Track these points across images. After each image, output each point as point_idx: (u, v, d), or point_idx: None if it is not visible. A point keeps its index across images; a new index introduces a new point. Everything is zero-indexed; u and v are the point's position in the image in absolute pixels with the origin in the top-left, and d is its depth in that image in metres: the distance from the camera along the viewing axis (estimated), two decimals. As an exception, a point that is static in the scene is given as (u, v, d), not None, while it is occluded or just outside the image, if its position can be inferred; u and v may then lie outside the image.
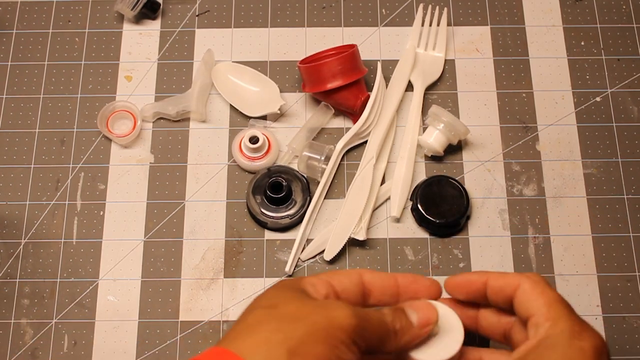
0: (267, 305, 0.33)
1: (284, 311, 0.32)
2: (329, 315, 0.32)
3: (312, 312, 0.32)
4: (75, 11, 0.61)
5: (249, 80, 0.57)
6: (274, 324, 0.31)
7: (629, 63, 0.59)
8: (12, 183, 0.55)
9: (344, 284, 0.37)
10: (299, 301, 0.33)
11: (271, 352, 0.30)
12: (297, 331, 0.31)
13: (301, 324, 0.31)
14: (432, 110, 0.54)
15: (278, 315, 0.32)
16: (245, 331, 0.32)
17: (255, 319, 0.32)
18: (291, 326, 0.31)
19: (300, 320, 0.31)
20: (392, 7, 0.61)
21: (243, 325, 0.32)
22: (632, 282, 0.52)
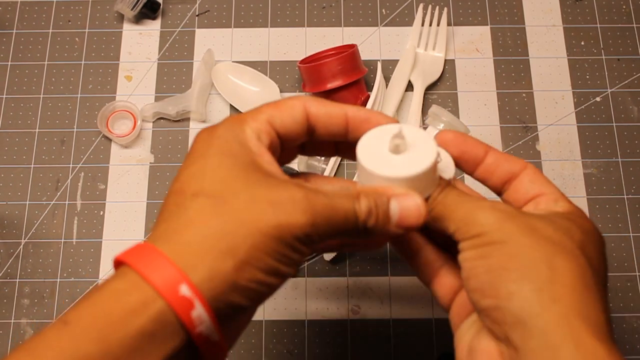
0: (211, 192, 0.29)
1: (230, 207, 0.28)
2: (282, 222, 0.28)
3: (263, 214, 0.28)
4: (75, 11, 0.61)
5: (249, 80, 0.57)
6: (218, 227, 0.27)
7: (629, 63, 0.59)
8: (12, 183, 0.55)
9: (286, 124, 0.32)
10: (249, 191, 0.29)
11: (215, 267, 0.27)
12: (245, 241, 0.27)
13: (249, 231, 0.27)
14: (432, 110, 0.54)
15: (223, 212, 0.28)
16: (186, 230, 0.27)
17: (199, 215, 0.28)
18: (238, 234, 0.27)
19: (249, 225, 0.28)
20: (392, 7, 0.61)
21: (183, 220, 0.28)
22: (632, 282, 0.52)
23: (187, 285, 0.26)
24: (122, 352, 0.25)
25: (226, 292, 0.27)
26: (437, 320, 0.51)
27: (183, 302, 0.26)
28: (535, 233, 0.29)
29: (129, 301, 0.26)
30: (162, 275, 0.26)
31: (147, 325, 0.25)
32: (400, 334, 0.51)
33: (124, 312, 0.25)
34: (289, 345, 0.50)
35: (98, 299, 0.26)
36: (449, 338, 0.51)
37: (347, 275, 0.52)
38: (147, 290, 0.26)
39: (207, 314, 0.26)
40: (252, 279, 0.27)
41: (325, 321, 0.51)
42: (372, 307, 0.51)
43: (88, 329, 0.25)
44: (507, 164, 0.34)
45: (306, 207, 0.29)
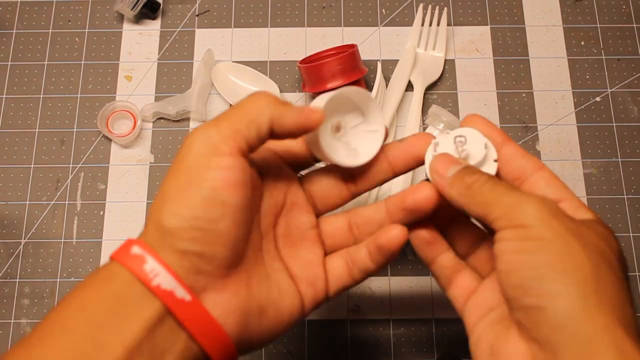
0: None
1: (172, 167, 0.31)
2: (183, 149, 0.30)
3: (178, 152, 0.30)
4: (75, 11, 0.61)
5: (249, 80, 0.57)
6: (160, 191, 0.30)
7: (629, 63, 0.59)
8: (12, 183, 0.55)
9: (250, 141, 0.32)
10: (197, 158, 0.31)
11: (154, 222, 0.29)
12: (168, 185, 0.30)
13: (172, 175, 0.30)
14: (432, 110, 0.54)
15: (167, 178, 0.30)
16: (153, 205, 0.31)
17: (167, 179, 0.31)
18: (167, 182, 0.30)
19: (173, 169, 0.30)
20: (392, 7, 0.61)
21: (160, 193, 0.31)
22: (632, 282, 0.52)
23: (138, 245, 0.28)
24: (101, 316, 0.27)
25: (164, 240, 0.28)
26: (437, 320, 0.51)
27: (135, 259, 0.28)
28: (582, 237, 0.29)
29: (100, 275, 0.29)
30: (122, 249, 0.29)
31: (118, 289, 0.28)
32: (400, 334, 0.51)
33: (97, 284, 0.28)
34: (289, 345, 0.50)
35: (79, 284, 0.29)
36: (449, 338, 0.51)
37: (347, 275, 0.52)
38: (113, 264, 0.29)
39: (160, 265, 0.28)
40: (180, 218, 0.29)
41: (325, 321, 0.51)
42: (372, 307, 0.51)
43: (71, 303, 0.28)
44: (522, 161, 0.33)
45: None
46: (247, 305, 0.30)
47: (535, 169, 0.33)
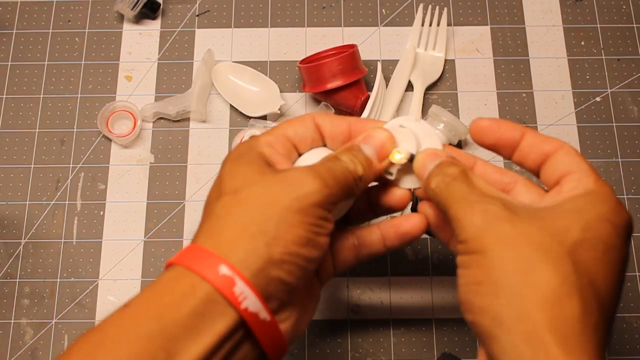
0: (230, 190, 0.32)
1: (249, 195, 0.31)
2: (299, 195, 0.31)
3: (281, 193, 0.31)
4: (75, 11, 0.61)
5: (249, 80, 0.57)
6: (243, 213, 0.30)
7: (629, 63, 0.59)
8: (12, 183, 0.55)
9: (299, 132, 0.36)
10: (262, 179, 0.32)
11: (250, 247, 0.29)
12: (271, 220, 0.30)
13: (273, 211, 0.30)
14: (432, 110, 0.54)
15: (245, 201, 0.31)
16: (217, 225, 0.31)
17: (223, 210, 0.31)
18: (263, 215, 0.30)
19: (271, 206, 0.30)
20: (392, 7, 0.61)
21: (213, 219, 0.31)
22: (632, 282, 0.52)
23: (226, 265, 0.29)
24: (177, 330, 0.27)
25: (264, 267, 0.29)
26: (437, 320, 0.51)
27: (224, 280, 0.28)
28: (518, 240, 0.28)
29: (179, 287, 0.29)
30: (203, 263, 0.29)
31: (198, 305, 0.28)
32: (400, 334, 0.51)
33: (176, 296, 0.28)
34: (289, 345, 0.50)
35: (153, 288, 0.29)
36: (449, 338, 0.51)
37: (347, 275, 0.52)
38: (193, 277, 0.29)
39: (249, 289, 0.29)
40: (285, 252, 0.30)
41: (325, 321, 0.51)
42: (372, 307, 0.51)
43: (147, 310, 0.28)
44: (542, 145, 0.33)
45: (314, 176, 0.31)
46: (300, 313, 0.33)
47: (555, 148, 0.33)
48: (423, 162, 0.35)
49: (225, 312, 0.29)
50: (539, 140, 0.33)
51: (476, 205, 0.30)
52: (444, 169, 0.33)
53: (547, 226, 0.29)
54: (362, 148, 0.35)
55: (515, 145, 0.34)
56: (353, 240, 0.38)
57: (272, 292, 0.30)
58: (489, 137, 0.34)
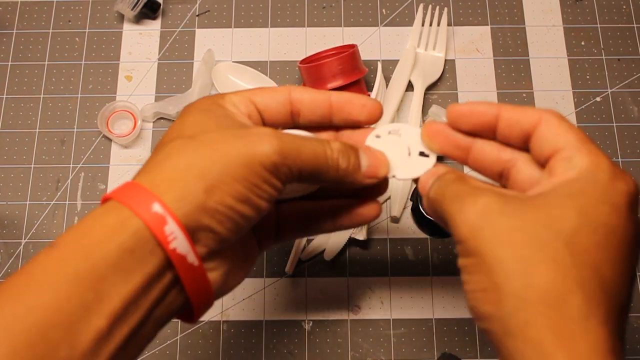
0: (187, 135, 0.31)
1: (202, 142, 0.30)
2: (249, 150, 0.30)
3: (232, 143, 0.30)
4: (76, 11, 0.61)
5: (249, 80, 0.57)
6: (190, 157, 0.29)
7: (629, 63, 0.59)
8: (12, 183, 0.55)
9: (266, 102, 0.34)
10: (220, 129, 0.31)
11: (187, 189, 0.29)
12: (214, 167, 0.29)
13: (219, 159, 0.29)
14: (433, 110, 0.54)
15: (196, 146, 0.30)
16: (161, 163, 0.30)
17: (173, 149, 0.30)
18: (208, 161, 0.29)
19: (219, 152, 0.30)
20: (392, 7, 0.61)
21: (160, 156, 0.30)
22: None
23: (159, 203, 0.28)
24: (106, 267, 0.27)
25: (197, 212, 0.29)
26: (437, 320, 0.51)
27: (155, 217, 0.28)
28: (514, 236, 0.27)
29: (108, 222, 0.28)
30: (137, 198, 0.28)
31: (126, 241, 0.27)
32: (400, 334, 0.51)
33: (104, 232, 0.27)
34: (289, 345, 0.50)
35: (81, 225, 0.28)
36: (449, 338, 0.51)
37: (347, 275, 0.52)
38: (124, 211, 0.28)
39: (179, 230, 0.28)
40: (221, 202, 0.29)
41: (325, 321, 0.51)
42: (372, 307, 0.51)
43: (74, 249, 0.27)
44: (520, 121, 0.31)
45: (273, 139, 0.30)
46: (230, 267, 0.32)
47: (535, 123, 0.31)
48: (425, 181, 0.34)
49: (153, 251, 0.28)
50: (515, 115, 0.31)
51: (468, 199, 0.29)
52: (441, 177, 0.33)
53: (541, 217, 0.28)
54: (360, 154, 0.34)
55: (494, 126, 0.32)
56: (302, 214, 0.37)
57: (200, 238, 0.29)
58: (465, 123, 0.33)
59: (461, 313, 0.51)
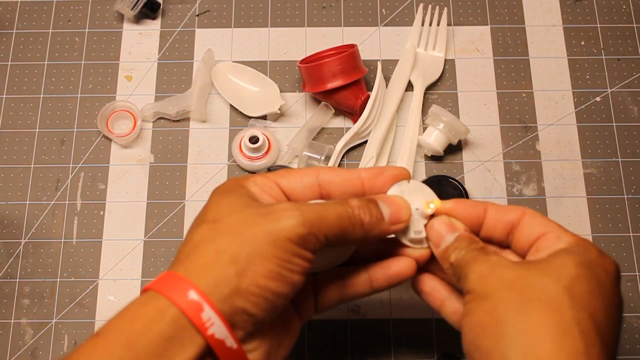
0: (211, 219, 0.32)
1: (227, 225, 0.31)
2: (273, 228, 0.30)
3: (256, 223, 0.31)
4: (75, 11, 0.61)
5: (249, 80, 0.57)
6: (218, 242, 0.30)
7: (629, 63, 0.59)
8: (12, 183, 0.55)
9: (293, 185, 0.34)
10: (243, 210, 0.32)
11: (220, 275, 0.30)
12: (243, 250, 0.30)
13: (246, 241, 0.30)
14: (432, 110, 0.54)
15: (223, 231, 0.31)
16: (192, 252, 0.31)
17: (201, 237, 0.31)
18: (237, 244, 0.30)
19: (246, 235, 0.30)
20: (392, 7, 0.61)
21: (190, 245, 0.31)
22: (632, 282, 0.52)
23: (195, 290, 0.29)
24: (147, 355, 0.28)
25: (232, 296, 0.29)
26: (437, 320, 0.51)
27: (192, 305, 0.29)
28: (519, 282, 0.30)
29: (148, 311, 0.29)
30: (173, 287, 0.29)
31: (165, 329, 0.28)
32: (400, 334, 0.51)
33: (145, 321, 0.29)
34: (289, 345, 0.50)
35: (123, 315, 0.30)
36: (449, 338, 0.51)
37: (347, 275, 0.52)
38: (162, 301, 0.29)
39: (216, 315, 0.29)
40: (254, 283, 0.30)
41: (325, 321, 0.51)
42: (372, 307, 0.51)
43: (117, 337, 0.28)
44: (505, 215, 0.34)
45: (295, 212, 0.31)
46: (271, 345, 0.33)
47: (519, 216, 0.34)
48: (439, 231, 0.35)
49: (193, 338, 0.29)
50: (501, 211, 0.35)
51: (481, 258, 0.32)
52: (465, 244, 0.34)
53: (543, 268, 0.30)
54: (379, 203, 0.35)
55: (480, 221, 0.35)
56: (338, 280, 0.38)
57: (237, 321, 0.30)
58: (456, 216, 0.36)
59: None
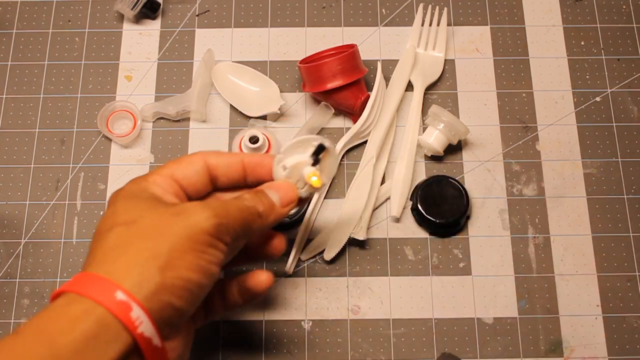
0: (124, 221, 0.33)
1: (143, 225, 0.32)
2: (188, 223, 0.32)
3: (172, 223, 0.32)
4: (75, 11, 0.61)
5: (249, 80, 0.57)
6: (138, 243, 0.31)
7: (629, 63, 0.59)
8: (12, 183, 0.55)
9: (187, 176, 0.37)
10: (155, 212, 0.33)
11: (143, 272, 0.30)
12: (163, 246, 0.31)
13: (165, 238, 0.32)
14: (432, 110, 0.54)
15: (139, 231, 0.32)
16: (111, 253, 0.32)
17: (119, 239, 0.32)
18: (156, 242, 0.31)
19: (163, 234, 0.32)
20: (392, 7, 0.61)
21: (107, 246, 0.32)
22: (632, 282, 0.52)
23: (122, 290, 0.29)
24: (69, 355, 0.28)
25: (157, 292, 0.30)
26: (437, 320, 0.51)
27: (120, 305, 0.29)
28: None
29: (71, 312, 0.29)
30: (97, 288, 0.29)
31: (90, 328, 0.28)
32: (400, 334, 0.51)
33: (68, 320, 0.29)
34: (289, 345, 0.50)
35: (44, 315, 0.29)
36: (449, 338, 0.51)
37: (347, 275, 0.52)
38: (86, 302, 0.29)
39: (145, 314, 0.29)
40: (177, 276, 0.31)
41: (324, 321, 0.51)
42: (372, 307, 0.51)
43: (38, 336, 0.28)
44: None
45: (204, 208, 0.34)
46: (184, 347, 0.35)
47: None
48: None
49: (118, 336, 0.29)
50: None
51: None
52: None
53: None
54: (267, 192, 0.38)
55: None
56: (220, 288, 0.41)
57: (164, 318, 0.31)
58: None
59: (461, 313, 0.51)
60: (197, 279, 0.32)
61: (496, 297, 0.52)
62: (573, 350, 0.50)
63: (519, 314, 0.51)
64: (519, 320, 0.51)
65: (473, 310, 0.51)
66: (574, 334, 0.51)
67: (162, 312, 0.31)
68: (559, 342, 0.50)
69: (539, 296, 0.52)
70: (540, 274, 0.52)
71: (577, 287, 0.52)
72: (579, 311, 0.51)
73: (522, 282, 0.52)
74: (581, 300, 0.51)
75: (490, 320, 0.51)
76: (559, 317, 0.51)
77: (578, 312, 0.51)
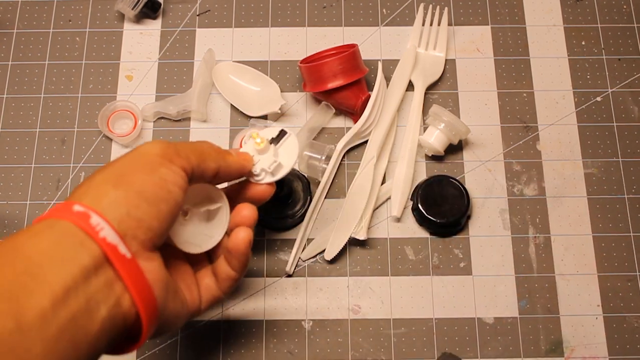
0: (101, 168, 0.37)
1: (107, 163, 0.36)
2: (140, 148, 0.35)
3: (128, 154, 0.35)
4: (76, 11, 0.61)
5: (249, 80, 0.57)
6: (99, 174, 0.34)
7: (629, 63, 0.59)
8: (12, 183, 0.55)
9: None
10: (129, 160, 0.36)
11: (99, 190, 0.33)
12: (116, 170, 0.34)
13: (119, 164, 0.34)
14: (433, 109, 0.54)
15: (103, 167, 0.35)
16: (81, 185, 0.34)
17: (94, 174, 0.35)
18: (111, 169, 0.34)
19: (121, 161, 0.35)
20: (393, 7, 0.61)
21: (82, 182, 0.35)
22: (632, 282, 0.52)
23: (79, 204, 0.31)
24: (40, 256, 0.29)
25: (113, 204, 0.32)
26: (437, 320, 0.51)
27: (79, 214, 0.31)
28: None
29: (36, 227, 0.31)
30: (58, 209, 0.32)
31: (54, 235, 0.30)
32: (400, 334, 0.51)
33: (33, 233, 0.30)
34: (289, 345, 0.50)
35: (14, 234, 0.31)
36: (449, 338, 0.51)
37: (347, 275, 0.52)
38: (49, 220, 0.31)
39: (104, 221, 0.31)
40: (130, 189, 0.33)
41: (325, 321, 0.51)
42: (372, 307, 0.51)
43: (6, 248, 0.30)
44: None
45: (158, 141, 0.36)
46: (168, 280, 0.34)
47: None
48: None
49: (83, 242, 0.30)
50: None
51: None
52: None
53: None
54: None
55: None
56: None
57: (126, 230, 0.32)
58: None
59: (461, 313, 0.51)
60: (151, 190, 0.33)
61: (497, 297, 0.52)
62: (573, 350, 0.50)
63: (520, 313, 0.51)
64: (520, 320, 0.51)
65: (473, 310, 0.51)
66: (575, 334, 0.51)
67: (123, 223, 0.32)
68: (560, 342, 0.50)
69: (540, 296, 0.52)
70: (541, 274, 0.52)
71: (578, 287, 0.52)
72: (579, 311, 0.51)
73: (523, 282, 0.52)
74: (582, 300, 0.51)
75: (490, 320, 0.51)
76: (559, 317, 0.51)
77: (578, 312, 0.51)
